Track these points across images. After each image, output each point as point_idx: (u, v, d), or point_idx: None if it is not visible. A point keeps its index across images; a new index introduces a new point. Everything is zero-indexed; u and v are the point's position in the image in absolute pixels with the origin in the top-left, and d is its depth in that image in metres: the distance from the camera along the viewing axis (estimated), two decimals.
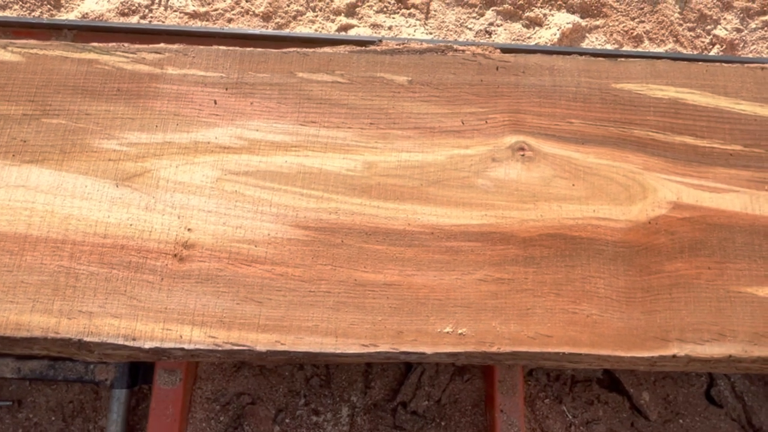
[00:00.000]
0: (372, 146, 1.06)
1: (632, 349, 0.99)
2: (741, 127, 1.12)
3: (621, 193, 1.07)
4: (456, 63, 1.12)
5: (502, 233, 1.03)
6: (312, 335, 0.95)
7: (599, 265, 1.02)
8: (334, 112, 1.07)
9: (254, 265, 0.98)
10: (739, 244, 1.05)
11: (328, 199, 1.02)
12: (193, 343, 0.94)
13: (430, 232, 1.02)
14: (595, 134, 1.10)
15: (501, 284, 1.00)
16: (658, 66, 1.15)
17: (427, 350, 0.96)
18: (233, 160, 1.03)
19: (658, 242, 1.04)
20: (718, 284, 1.03)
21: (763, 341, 1.00)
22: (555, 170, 1.07)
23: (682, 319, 1.01)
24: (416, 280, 0.99)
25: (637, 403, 1.48)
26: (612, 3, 1.91)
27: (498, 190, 1.05)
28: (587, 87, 1.13)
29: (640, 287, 1.02)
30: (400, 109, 1.09)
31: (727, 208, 1.07)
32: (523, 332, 0.98)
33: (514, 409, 1.27)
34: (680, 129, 1.11)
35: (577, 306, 1.00)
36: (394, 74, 1.11)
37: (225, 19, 1.78)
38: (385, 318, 0.97)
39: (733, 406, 1.49)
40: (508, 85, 1.11)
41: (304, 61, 1.10)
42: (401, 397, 1.41)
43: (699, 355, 0.99)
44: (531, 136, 1.09)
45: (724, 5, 1.96)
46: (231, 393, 1.37)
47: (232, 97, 1.07)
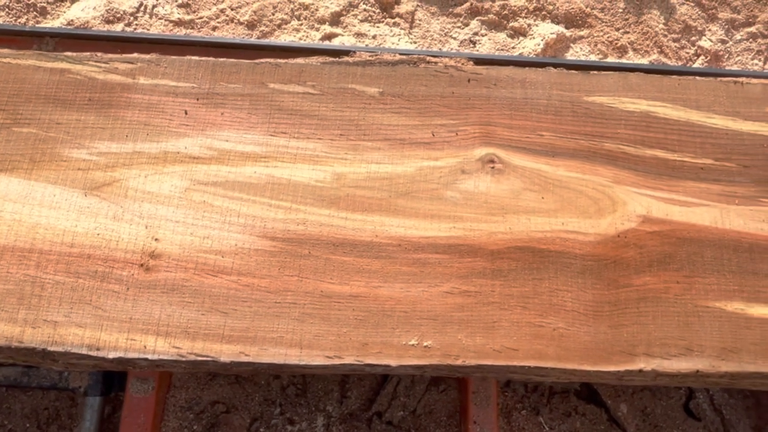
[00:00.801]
0: (341, 157, 1.06)
1: (599, 363, 0.98)
2: (712, 140, 1.13)
3: (590, 206, 1.07)
4: (428, 75, 1.12)
5: (469, 246, 1.03)
6: (276, 346, 0.95)
7: (567, 278, 1.02)
8: (305, 123, 1.08)
9: (220, 275, 0.98)
10: (708, 258, 1.05)
11: (296, 210, 1.03)
12: (156, 353, 0.94)
13: (397, 243, 1.02)
14: (566, 147, 1.10)
15: (468, 297, 1.00)
16: (630, 79, 1.15)
17: (392, 363, 0.96)
18: (202, 171, 1.04)
19: (627, 256, 1.04)
20: (686, 298, 1.03)
21: (730, 356, 1.00)
22: (524, 183, 1.07)
23: (649, 334, 1.00)
24: (382, 292, 0.99)
25: (614, 416, 1.48)
26: (597, 14, 1.92)
27: (467, 202, 1.05)
28: (559, 100, 1.13)
29: (608, 301, 1.02)
30: (371, 121, 1.09)
31: (697, 222, 1.07)
32: (489, 345, 0.98)
33: (487, 421, 1.27)
34: (651, 142, 1.11)
35: (543, 319, 1.00)
36: (365, 86, 1.11)
37: (210, 27, 1.79)
38: (351, 330, 0.97)
39: (712, 419, 1.48)
40: (480, 98, 1.12)
41: (276, 72, 1.10)
42: (377, 407, 1.41)
43: (666, 369, 0.99)
44: (501, 148, 1.09)
45: (709, 16, 1.96)
46: (205, 401, 1.37)
47: (203, 107, 1.08)
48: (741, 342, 1.01)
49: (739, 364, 1.00)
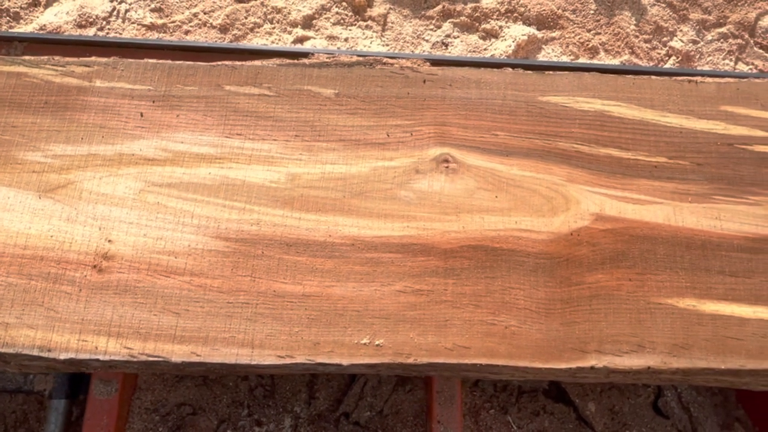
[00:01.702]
0: (296, 158, 1.07)
1: (550, 361, 0.99)
2: (666, 139, 1.13)
3: (544, 204, 1.07)
4: (383, 76, 1.13)
5: (423, 245, 1.03)
6: (228, 346, 0.96)
7: (520, 276, 1.03)
8: (260, 125, 1.09)
9: (173, 276, 0.99)
10: (660, 255, 1.06)
11: (250, 211, 1.03)
12: (108, 354, 0.94)
13: (351, 243, 1.03)
14: (520, 146, 1.11)
15: (420, 296, 1.01)
16: (585, 79, 1.16)
17: (343, 361, 0.97)
18: (157, 172, 1.04)
19: (580, 254, 1.05)
20: (638, 296, 1.03)
21: (682, 353, 1.01)
22: (478, 182, 1.08)
23: (601, 331, 1.01)
24: (335, 292, 1.00)
25: (582, 414, 1.48)
26: (568, 15, 1.93)
27: (421, 201, 1.06)
28: (513, 100, 1.14)
29: (560, 299, 1.02)
30: (326, 122, 1.10)
31: (650, 220, 1.08)
32: (441, 343, 0.98)
33: (451, 420, 1.27)
34: (605, 141, 1.12)
35: (496, 317, 1.00)
36: (321, 87, 1.12)
37: (182, 31, 1.80)
38: (303, 329, 0.98)
39: (680, 417, 1.49)
40: (435, 98, 1.13)
41: (232, 74, 1.11)
42: (344, 407, 1.41)
43: (617, 366, 0.99)
44: (456, 148, 1.10)
45: (681, 17, 1.98)
46: (172, 403, 1.37)
47: (159, 109, 1.08)
48: (692, 338, 1.01)
49: (690, 360, 1.00)
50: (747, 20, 1.98)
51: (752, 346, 1.02)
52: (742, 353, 1.01)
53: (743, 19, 1.98)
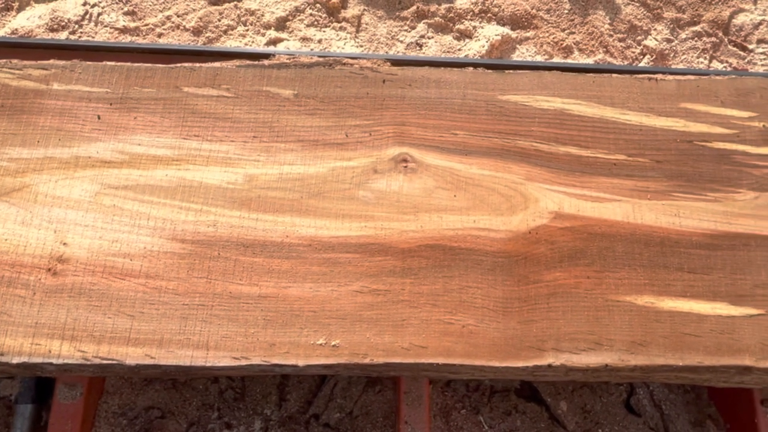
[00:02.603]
0: (254, 159, 1.07)
1: (507, 359, 0.99)
2: (626, 137, 1.14)
3: (502, 203, 1.07)
4: (342, 76, 1.13)
5: (380, 244, 1.03)
6: (183, 348, 0.95)
7: (477, 275, 1.03)
8: (218, 126, 1.09)
9: (128, 278, 0.98)
10: (619, 252, 1.06)
11: (206, 212, 1.03)
12: (62, 357, 0.94)
13: (308, 243, 1.03)
14: (480, 145, 1.11)
15: (377, 295, 1.00)
16: (545, 77, 1.16)
17: (299, 362, 0.96)
18: (113, 175, 1.04)
19: (538, 252, 1.05)
20: (596, 293, 1.03)
21: (640, 350, 1.01)
22: (437, 181, 1.08)
23: (558, 329, 1.01)
24: (292, 292, 1.00)
25: (554, 413, 1.48)
26: (542, 15, 1.93)
27: (379, 201, 1.06)
28: (473, 99, 1.14)
29: (518, 297, 1.02)
30: (285, 123, 1.10)
31: (609, 218, 1.08)
32: (398, 343, 0.98)
33: (418, 420, 1.27)
34: (565, 139, 1.12)
35: (453, 316, 1.00)
36: (280, 88, 1.12)
37: (155, 34, 1.79)
38: (258, 330, 0.97)
39: (651, 415, 1.49)
40: (394, 98, 1.13)
41: (190, 75, 1.11)
42: (314, 409, 1.41)
43: (575, 364, 0.99)
44: (414, 147, 1.10)
45: (655, 16, 1.98)
46: (140, 407, 1.36)
47: (116, 112, 1.08)
48: (650, 335, 1.01)
49: (648, 357, 1.00)
50: (721, 19, 1.99)
51: (710, 342, 1.02)
52: (700, 350, 1.01)
53: (717, 18, 1.99)
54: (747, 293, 1.05)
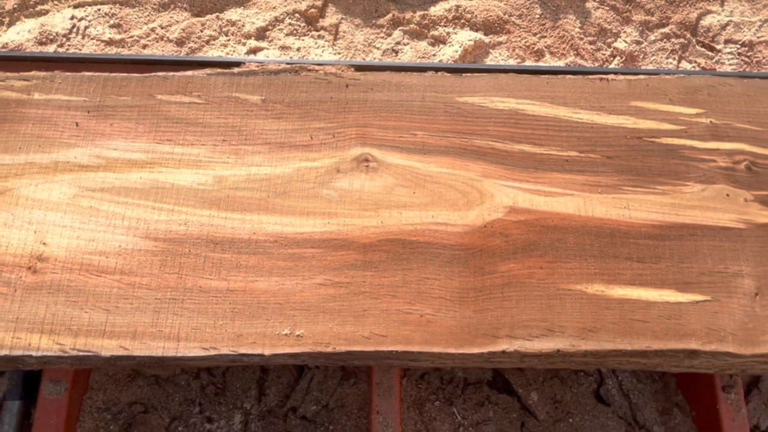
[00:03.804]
0: (223, 161, 1.13)
1: (463, 346, 1.04)
2: (578, 134, 1.19)
3: (459, 199, 1.13)
4: (308, 82, 1.20)
5: (343, 240, 1.09)
6: (155, 340, 1.01)
7: (435, 267, 1.08)
8: (190, 131, 1.15)
9: (104, 275, 1.04)
10: (570, 244, 1.11)
11: (178, 212, 1.09)
12: (41, 350, 1.00)
13: (274, 240, 1.08)
14: (438, 145, 1.17)
15: (339, 288, 1.06)
16: (501, 80, 1.22)
17: (265, 352, 1.02)
18: (90, 178, 1.10)
19: (493, 244, 1.10)
20: (548, 283, 1.09)
21: (590, 335, 1.06)
22: (397, 179, 1.14)
23: (512, 317, 1.06)
24: (258, 286, 1.05)
25: (525, 404, 1.52)
26: (515, 20, 2.00)
27: (341, 199, 1.12)
28: (432, 101, 1.20)
29: (473, 287, 1.08)
30: (253, 127, 1.16)
31: (561, 211, 1.13)
32: (359, 332, 1.04)
33: (389, 411, 1.32)
34: (519, 138, 1.18)
35: (412, 307, 1.06)
36: (248, 94, 1.18)
37: (140, 46, 1.87)
38: (227, 322, 1.03)
39: (620, 404, 1.53)
40: (357, 102, 1.19)
41: (164, 84, 1.18)
42: (291, 402, 1.46)
43: (528, 350, 1.04)
44: (376, 148, 1.16)
45: (624, 19, 2.05)
46: (123, 402, 1.42)
47: (94, 119, 1.15)
48: (600, 322, 1.07)
49: (598, 342, 1.05)
50: (689, 20, 2.05)
51: (658, 327, 1.07)
52: (648, 335, 1.06)
53: (685, 19, 2.05)
54: (693, 280, 1.10)
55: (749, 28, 2.05)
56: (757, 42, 2.03)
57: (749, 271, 1.11)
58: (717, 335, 1.07)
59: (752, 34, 2.04)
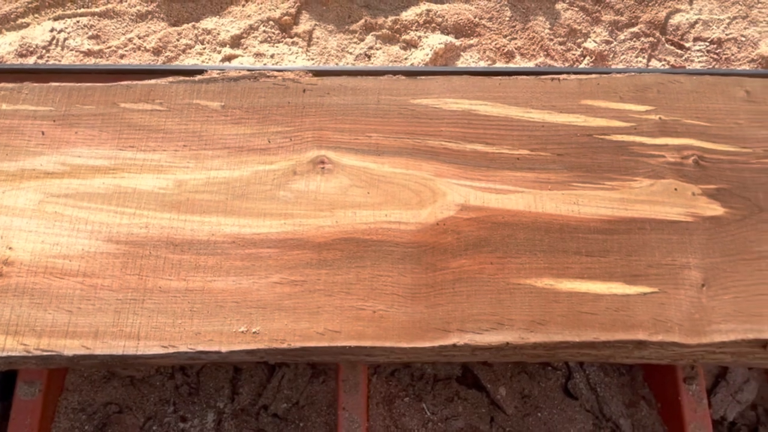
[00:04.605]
0: (184, 166, 1.17)
1: (414, 340, 1.07)
2: (529, 133, 1.23)
3: (412, 198, 1.17)
4: (266, 88, 1.23)
5: (298, 239, 1.12)
6: (116, 339, 1.05)
7: (388, 264, 1.12)
8: (151, 137, 1.19)
9: (67, 277, 1.08)
10: (521, 240, 1.14)
11: (139, 215, 1.13)
12: (6, 350, 1.03)
13: (232, 241, 1.12)
14: (392, 146, 1.20)
15: (295, 286, 1.10)
16: (454, 82, 1.26)
17: (222, 349, 1.05)
18: (56, 184, 1.14)
19: (445, 241, 1.14)
20: (498, 277, 1.12)
21: (538, 328, 1.09)
22: (352, 180, 1.17)
23: (463, 311, 1.09)
24: (216, 286, 1.09)
25: (494, 398, 1.55)
26: (485, 23, 2.04)
27: (297, 200, 1.15)
28: (387, 104, 1.23)
29: (425, 283, 1.11)
30: (212, 132, 1.20)
31: (512, 208, 1.17)
32: (313, 329, 1.07)
33: (355, 407, 1.35)
34: (472, 138, 1.22)
35: (365, 303, 1.09)
36: (209, 100, 1.22)
37: (118, 56, 1.91)
38: (185, 321, 1.07)
39: (587, 398, 1.56)
40: (314, 106, 1.22)
41: (127, 92, 1.22)
42: (263, 400, 1.49)
43: (478, 343, 1.08)
44: (332, 150, 1.19)
45: (594, 20, 2.08)
46: (98, 403, 1.45)
47: (59, 127, 1.19)
48: (549, 315, 1.10)
49: (546, 335, 1.08)
50: (658, 19, 2.08)
51: (605, 319, 1.10)
52: (596, 326, 1.09)
53: (654, 19, 2.08)
54: (641, 273, 1.13)
55: (718, 26, 2.08)
56: (726, 39, 2.06)
57: (696, 263, 1.14)
58: (664, 326, 1.09)
59: (721, 31, 2.07)
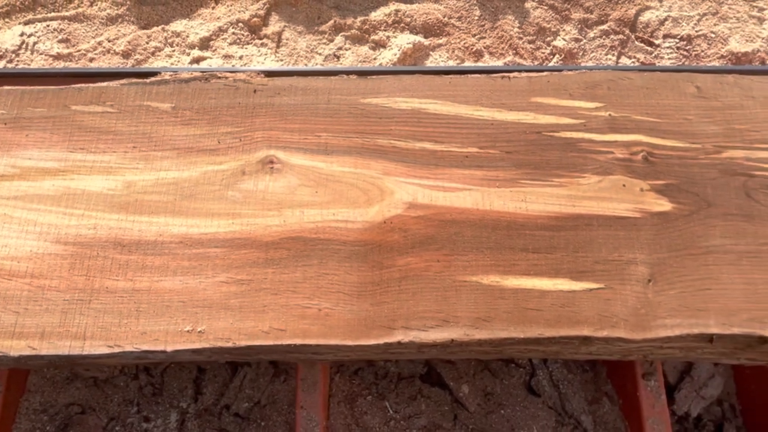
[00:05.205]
0: (133, 167, 1.18)
1: (359, 338, 1.08)
2: (478, 131, 1.23)
3: (360, 197, 1.17)
4: (217, 89, 1.24)
5: (246, 239, 1.13)
6: (62, 339, 1.06)
7: (335, 263, 1.12)
8: (102, 139, 1.20)
9: (15, 278, 1.09)
10: (468, 237, 1.15)
11: (88, 217, 1.14)
12: None
13: (179, 241, 1.13)
14: (341, 145, 1.21)
15: (241, 285, 1.10)
16: (404, 81, 1.26)
17: (167, 348, 1.06)
18: (5, 187, 1.15)
19: (392, 239, 1.14)
20: (445, 275, 1.12)
21: (484, 325, 1.09)
22: (300, 179, 1.18)
23: (408, 309, 1.10)
24: (163, 285, 1.10)
25: (457, 396, 1.56)
26: (454, 22, 2.04)
27: (246, 200, 1.16)
28: (337, 103, 1.24)
29: (371, 281, 1.11)
30: (162, 133, 1.21)
31: (459, 206, 1.17)
32: (258, 327, 1.08)
33: (313, 405, 1.36)
34: (421, 136, 1.22)
35: (311, 301, 1.10)
36: (159, 102, 1.23)
37: (87, 59, 1.92)
38: (132, 321, 1.07)
39: (550, 395, 1.56)
40: (264, 106, 1.23)
41: (78, 95, 1.23)
42: (225, 400, 1.50)
43: (423, 340, 1.08)
44: (281, 150, 1.20)
45: (563, 18, 2.08)
46: (61, 404, 1.46)
47: (10, 130, 1.20)
48: (495, 311, 1.10)
49: (491, 331, 1.09)
50: (627, 17, 2.08)
51: (551, 315, 1.10)
52: (541, 322, 1.10)
53: (623, 16, 2.08)
54: (588, 269, 1.13)
55: (688, 23, 2.08)
56: (696, 36, 2.06)
57: (643, 259, 1.15)
58: (609, 321, 1.10)
59: (690, 28, 2.07)
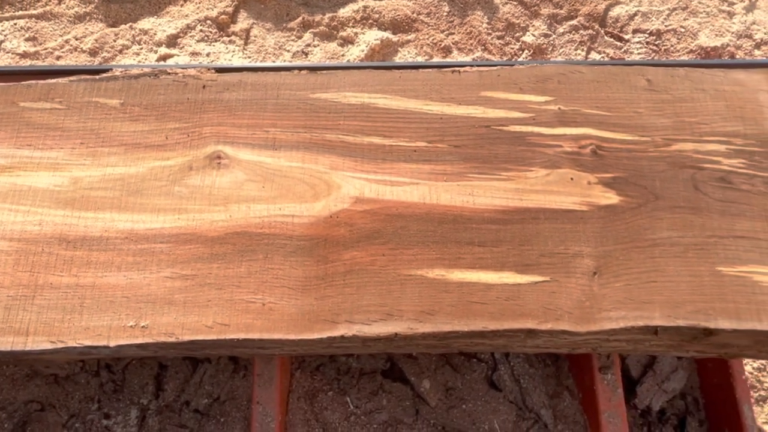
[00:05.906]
0: (80, 163, 1.18)
1: (303, 332, 1.08)
2: (427, 125, 1.23)
3: (307, 191, 1.17)
4: (165, 85, 1.24)
5: (191, 234, 1.13)
6: (5, 335, 1.06)
7: (280, 258, 1.12)
8: (50, 135, 1.20)
9: None
10: (413, 231, 1.15)
11: (34, 213, 1.14)
12: None
13: (125, 237, 1.13)
14: (289, 140, 1.21)
15: (186, 280, 1.10)
16: (354, 76, 1.26)
17: (110, 343, 1.06)
18: None
19: (338, 234, 1.14)
20: (390, 269, 1.12)
21: (427, 318, 1.09)
22: (247, 174, 1.18)
23: (352, 303, 1.10)
24: (108, 281, 1.10)
25: (418, 391, 1.56)
26: (423, 18, 2.04)
27: (192, 195, 1.16)
28: (286, 99, 1.24)
29: (316, 276, 1.12)
30: (110, 129, 1.21)
31: (406, 200, 1.17)
32: (202, 322, 1.08)
33: (269, 401, 1.36)
34: (369, 131, 1.22)
35: (255, 296, 1.10)
36: (108, 98, 1.23)
37: (54, 57, 1.92)
38: (75, 316, 1.08)
39: (511, 389, 1.56)
40: (213, 102, 1.23)
41: (27, 91, 1.23)
42: (185, 396, 1.50)
43: (366, 334, 1.08)
44: (229, 145, 1.20)
45: (532, 13, 2.08)
46: (20, 401, 1.47)
47: None
48: (439, 305, 1.10)
49: (435, 325, 1.09)
50: (596, 12, 2.08)
51: (495, 308, 1.10)
52: (486, 315, 1.10)
53: (593, 11, 2.08)
54: (533, 262, 1.13)
55: (657, 17, 2.08)
56: (665, 30, 2.06)
57: (589, 252, 1.15)
58: (554, 314, 1.10)
59: (660, 22, 2.07)
